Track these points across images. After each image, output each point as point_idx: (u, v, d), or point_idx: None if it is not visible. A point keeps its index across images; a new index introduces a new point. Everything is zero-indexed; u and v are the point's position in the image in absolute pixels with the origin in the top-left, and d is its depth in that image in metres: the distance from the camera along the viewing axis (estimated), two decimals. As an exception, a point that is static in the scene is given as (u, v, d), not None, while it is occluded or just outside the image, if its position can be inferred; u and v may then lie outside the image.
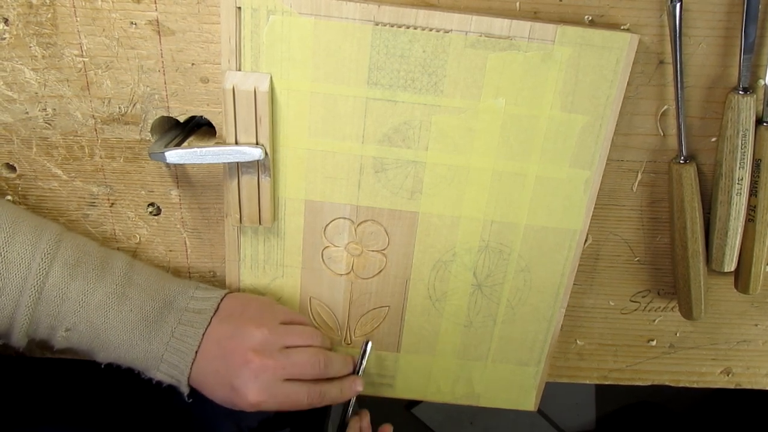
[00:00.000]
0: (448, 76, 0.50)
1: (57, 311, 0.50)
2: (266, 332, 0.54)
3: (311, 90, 0.51)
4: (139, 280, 0.54)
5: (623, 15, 0.49)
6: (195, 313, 0.54)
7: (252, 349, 0.52)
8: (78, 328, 0.51)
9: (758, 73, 0.52)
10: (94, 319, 0.51)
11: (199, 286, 0.57)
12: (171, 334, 0.53)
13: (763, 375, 0.68)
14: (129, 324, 0.52)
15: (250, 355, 0.52)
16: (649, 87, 0.52)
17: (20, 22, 0.50)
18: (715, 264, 0.57)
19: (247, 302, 0.57)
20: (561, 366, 0.67)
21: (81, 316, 0.51)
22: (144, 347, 0.52)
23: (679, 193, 0.54)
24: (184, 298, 0.55)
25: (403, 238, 0.57)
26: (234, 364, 0.52)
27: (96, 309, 0.51)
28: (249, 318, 0.54)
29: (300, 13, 0.48)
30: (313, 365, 0.55)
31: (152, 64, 0.51)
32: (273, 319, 0.56)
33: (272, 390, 0.52)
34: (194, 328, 0.53)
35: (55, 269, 0.50)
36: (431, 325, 0.61)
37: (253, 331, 0.53)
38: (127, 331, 0.52)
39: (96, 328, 0.52)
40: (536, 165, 0.53)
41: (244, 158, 0.51)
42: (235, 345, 0.53)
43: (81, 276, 0.51)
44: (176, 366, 0.53)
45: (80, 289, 0.51)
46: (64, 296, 0.50)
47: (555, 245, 0.57)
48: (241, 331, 0.53)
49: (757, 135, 0.52)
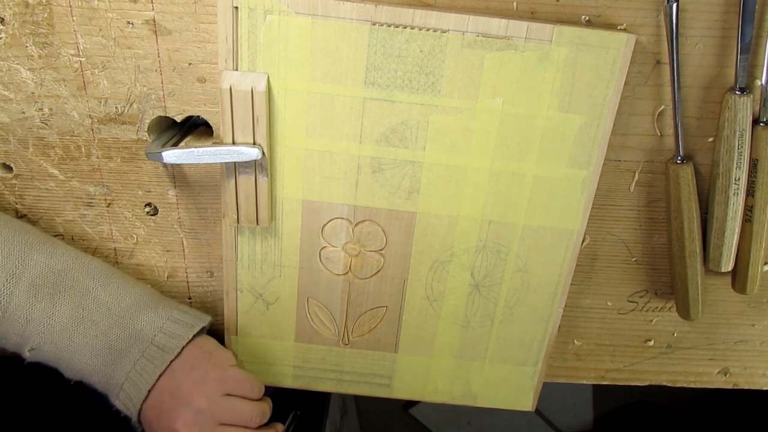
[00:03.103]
0: (445, 76, 0.50)
1: (21, 331, 0.50)
2: (204, 405, 0.52)
3: (308, 90, 0.51)
4: (109, 303, 0.53)
5: (620, 15, 0.50)
6: (158, 348, 0.53)
7: (183, 420, 0.52)
8: (43, 349, 0.51)
9: (755, 73, 0.52)
10: (58, 342, 0.51)
11: (171, 316, 0.55)
12: (133, 365, 0.52)
13: (760, 375, 0.68)
14: (93, 350, 0.52)
15: (179, 425, 0.52)
16: (646, 87, 0.52)
17: (16, 22, 0.50)
18: (713, 264, 0.57)
19: (203, 357, 0.55)
20: (558, 366, 0.67)
21: (45, 337, 0.51)
22: (107, 373, 0.52)
23: (677, 193, 0.54)
24: (153, 329, 0.54)
25: (400, 238, 0.57)
26: (163, 426, 0.52)
27: (61, 332, 0.51)
28: (196, 381, 0.53)
29: (297, 12, 0.48)
30: None
31: (149, 64, 0.51)
32: (218, 389, 0.54)
33: None
34: (154, 365, 0.53)
35: (20, 290, 0.50)
36: (429, 326, 0.61)
37: (193, 401, 0.52)
38: (91, 356, 0.52)
39: (60, 350, 0.51)
40: (533, 165, 0.53)
41: (242, 158, 0.51)
42: (171, 407, 0.52)
43: (47, 298, 0.50)
44: (131, 398, 0.53)
45: (45, 311, 0.50)
46: (28, 317, 0.50)
47: (552, 245, 0.57)
48: (183, 394, 0.52)
49: (753, 135, 0.52)
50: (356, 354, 0.63)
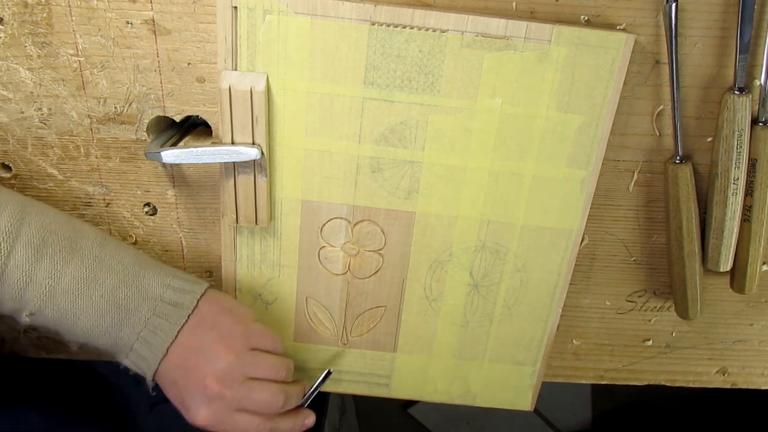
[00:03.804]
0: (444, 76, 0.50)
1: (20, 295, 0.47)
2: (232, 359, 0.51)
3: (308, 90, 0.51)
4: (111, 262, 0.50)
5: (619, 15, 0.50)
6: (171, 305, 0.51)
7: (213, 375, 0.51)
8: (43, 313, 0.48)
9: (754, 73, 0.52)
10: (61, 305, 0.48)
11: (175, 274, 0.53)
12: (144, 324, 0.50)
13: (758, 375, 0.68)
14: (99, 310, 0.49)
15: (209, 381, 0.50)
16: (645, 87, 0.52)
17: (15, 22, 0.50)
18: (711, 264, 0.57)
19: (223, 312, 0.53)
20: (557, 366, 0.67)
21: (47, 301, 0.48)
22: (114, 334, 0.50)
23: (675, 193, 0.54)
24: (160, 285, 0.51)
25: (399, 238, 0.57)
26: (191, 383, 0.51)
27: (64, 294, 0.48)
28: (220, 336, 0.52)
29: (296, 12, 0.48)
30: (271, 404, 0.53)
31: (148, 64, 0.51)
32: (244, 343, 0.53)
33: (222, 418, 0.51)
34: (170, 322, 0.51)
35: (18, 250, 0.47)
36: (428, 325, 0.61)
37: (220, 355, 0.51)
38: (96, 318, 0.49)
39: (63, 313, 0.49)
40: (533, 165, 0.53)
41: (241, 158, 0.51)
42: (198, 363, 0.51)
43: (48, 258, 0.48)
44: (144, 358, 0.51)
45: (47, 273, 0.47)
46: (28, 279, 0.47)
47: (551, 245, 0.57)
48: (209, 350, 0.51)
49: (752, 135, 0.52)
50: (355, 354, 0.63)
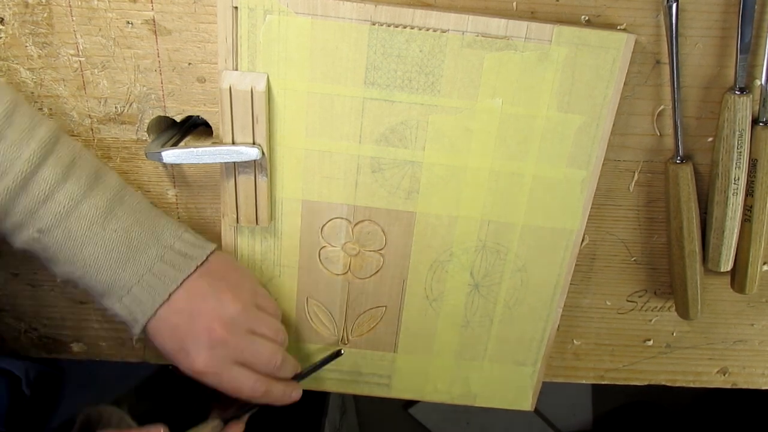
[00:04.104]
0: (445, 76, 0.50)
1: (36, 208, 0.46)
2: (240, 309, 0.52)
3: (308, 90, 0.51)
4: (130, 201, 0.51)
5: (620, 15, 0.50)
6: (180, 255, 0.51)
7: (220, 320, 0.50)
8: (52, 233, 0.47)
9: (754, 73, 0.52)
10: (73, 228, 0.47)
11: (189, 230, 0.53)
12: (149, 268, 0.50)
13: (759, 375, 0.68)
14: (109, 243, 0.48)
15: (215, 325, 0.50)
16: (645, 87, 0.52)
17: (16, 22, 0.50)
18: (712, 264, 0.57)
19: (232, 267, 0.54)
20: (558, 366, 0.67)
21: (61, 221, 0.47)
22: (115, 272, 0.49)
23: (676, 193, 0.54)
24: (172, 235, 0.51)
25: (400, 238, 0.57)
26: (196, 327, 0.50)
27: (79, 219, 0.47)
28: (229, 286, 0.52)
29: (297, 12, 0.48)
30: (269, 362, 0.53)
31: (149, 64, 0.51)
32: (251, 299, 0.54)
33: (221, 367, 0.51)
34: (176, 270, 0.50)
35: (49, 163, 0.46)
36: (428, 325, 0.61)
37: (228, 303, 0.51)
38: (104, 251, 0.48)
39: (72, 239, 0.48)
40: (533, 165, 0.53)
41: (241, 158, 0.51)
42: (204, 308, 0.50)
43: (74, 179, 0.47)
44: (142, 303, 0.50)
45: (69, 193, 0.47)
46: (49, 195, 0.46)
47: (552, 245, 0.57)
48: (218, 297, 0.51)
49: (753, 135, 0.52)
50: (355, 354, 0.63)
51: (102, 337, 0.64)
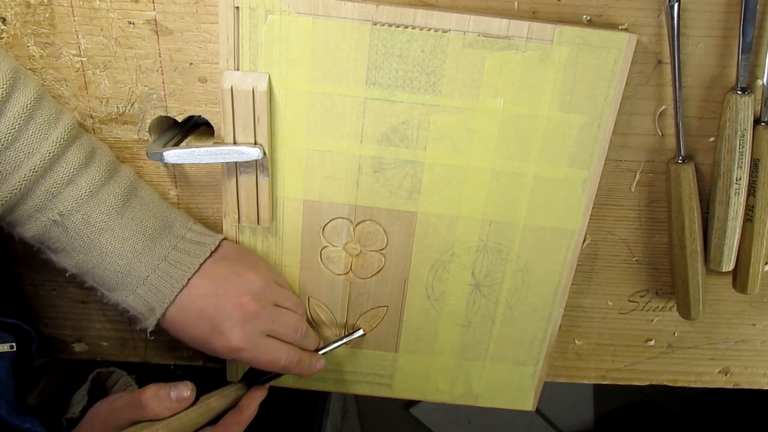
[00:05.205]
0: (446, 76, 0.50)
1: (58, 191, 0.46)
2: (263, 283, 0.53)
3: (310, 90, 0.51)
4: (143, 194, 0.52)
5: (621, 15, 0.50)
6: (193, 243, 0.52)
7: (249, 294, 0.52)
8: (72, 218, 0.47)
9: (756, 73, 0.52)
10: (92, 214, 0.48)
11: (196, 222, 0.55)
12: (164, 257, 0.50)
13: (760, 375, 0.68)
14: (126, 232, 0.49)
15: (245, 299, 0.51)
16: (647, 87, 0.52)
17: (18, 22, 0.50)
18: (714, 264, 0.57)
19: (244, 251, 0.56)
20: (559, 366, 0.67)
21: (81, 205, 0.47)
22: (130, 262, 0.49)
23: (677, 192, 0.54)
24: (183, 227, 0.53)
25: (401, 238, 0.57)
26: (225, 306, 0.51)
27: (98, 204, 0.48)
28: (248, 265, 0.54)
29: (298, 12, 0.48)
30: (296, 330, 0.54)
31: (150, 64, 0.51)
32: (270, 275, 0.56)
33: (256, 341, 0.52)
34: (191, 256, 0.51)
35: (74, 148, 0.47)
36: (429, 325, 0.61)
37: (252, 278, 0.53)
38: (120, 239, 0.49)
39: (90, 225, 0.48)
40: (534, 165, 0.53)
41: (243, 158, 0.51)
42: (230, 287, 0.51)
43: (95, 165, 0.48)
44: (159, 291, 0.50)
45: (91, 179, 0.48)
46: (72, 179, 0.47)
47: (553, 245, 0.57)
48: (239, 274, 0.52)
49: (755, 135, 0.52)
50: (357, 354, 0.63)
51: (104, 337, 0.64)
